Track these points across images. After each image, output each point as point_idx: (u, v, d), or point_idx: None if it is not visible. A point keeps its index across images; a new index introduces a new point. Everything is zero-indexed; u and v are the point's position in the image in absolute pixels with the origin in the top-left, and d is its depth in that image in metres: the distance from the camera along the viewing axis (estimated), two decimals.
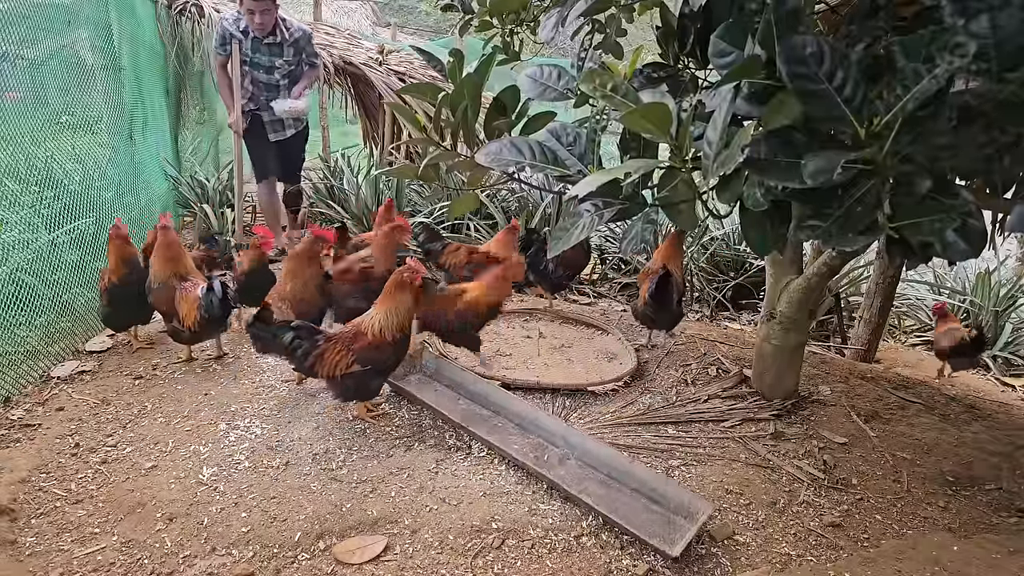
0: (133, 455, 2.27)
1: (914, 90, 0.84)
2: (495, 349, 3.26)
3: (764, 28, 1.02)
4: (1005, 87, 0.85)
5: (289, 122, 4.63)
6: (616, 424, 2.64)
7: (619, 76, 1.14)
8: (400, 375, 2.78)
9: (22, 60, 2.90)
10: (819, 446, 2.60)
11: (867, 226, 0.93)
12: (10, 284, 2.60)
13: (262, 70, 4.40)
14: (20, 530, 1.91)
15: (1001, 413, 3.18)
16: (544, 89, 1.42)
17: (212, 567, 1.81)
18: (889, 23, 1.17)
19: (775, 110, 0.98)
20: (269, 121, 4.56)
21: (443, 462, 2.31)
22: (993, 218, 2.54)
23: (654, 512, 2.12)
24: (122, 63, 3.82)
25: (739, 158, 0.96)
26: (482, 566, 1.87)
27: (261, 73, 4.41)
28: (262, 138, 4.60)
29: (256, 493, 2.10)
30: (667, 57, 1.48)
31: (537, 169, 1.19)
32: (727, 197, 1.08)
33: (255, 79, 4.43)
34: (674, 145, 1.03)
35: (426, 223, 4.00)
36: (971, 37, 0.83)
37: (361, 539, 1.93)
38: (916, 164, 0.92)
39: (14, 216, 2.81)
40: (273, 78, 4.44)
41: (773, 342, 2.82)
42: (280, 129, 4.63)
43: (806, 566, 2.00)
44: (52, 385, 2.67)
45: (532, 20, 2.05)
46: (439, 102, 1.30)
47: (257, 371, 2.91)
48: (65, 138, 3.31)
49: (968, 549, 2.08)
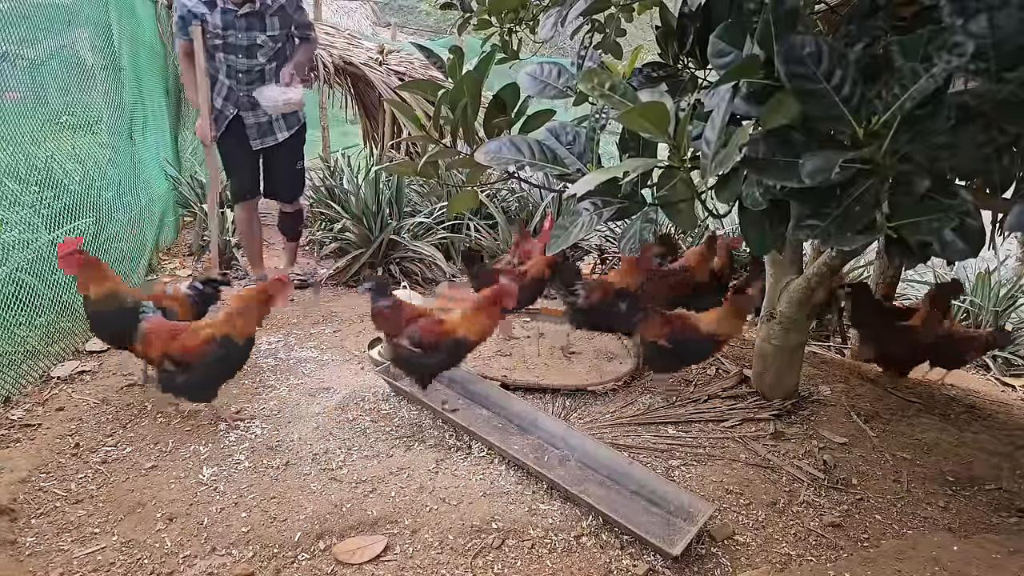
0: (133, 455, 2.27)
1: (912, 89, 0.84)
2: (495, 349, 3.26)
3: (762, 28, 1.02)
4: (1004, 87, 0.85)
5: (279, 122, 3.61)
6: (616, 424, 2.64)
7: (618, 75, 1.14)
8: (400, 375, 2.78)
9: (22, 60, 2.90)
10: (819, 446, 2.60)
11: (866, 226, 0.93)
12: (10, 284, 2.60)
13: (240, 53, 3.38)
14: (20, 530, 1.91)
15: (1001, 413, 3.18)
16: (544, 87, 1.42)
17: (212, 567, 1.81)
18: (888, 23, 1.18)
19: (773, 110, 0.98)
20: (254, 124, 3.57)
21: (443, 462, 2.31)
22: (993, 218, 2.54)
23: (654, 512, 2.12)
24: (122, 63, 3.82)
25: (737, 157, 0.96)
26: (482, 566, 1.87)
27: (239, 58, 3.39)
28: (242, 146, 3.60)
29: (256, 493, 2.10)
30: (666, 57, 1.48)
31: (536, 168, 1.19)
32: (726, 196, 1.09)
33: (231, 67, 3.42)
34: (672, 144, 1.03)
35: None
36: (969, 37, 0.83)
37: (361, 539, 1.93)
38: (915, 163, 0.92)
39: (14, 216, 2.81)
40: (255, 62, 3.42)
41: (773, 342, 2.81)
42: (269, 132, 3.61)
43: (806, 566, 1.99)
44: (52, 385, 2.67)
45: (531, 19, 2.06)
46: (438, 99, 1.30)
47: (257, 371, 2.91)
48: (65, 138, 3.31)
49: (968, 549, 2.08)
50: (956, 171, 1.16)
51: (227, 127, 3.55)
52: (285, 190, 3.84)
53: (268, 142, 3.63)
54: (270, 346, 3.17)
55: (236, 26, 3.34)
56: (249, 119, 3.56)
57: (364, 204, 4.31)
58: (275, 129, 3.62)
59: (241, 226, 3.88)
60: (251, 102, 3.50)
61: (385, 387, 2.75)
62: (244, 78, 3.47)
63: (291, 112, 3.61)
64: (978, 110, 0.93)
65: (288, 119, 3.65)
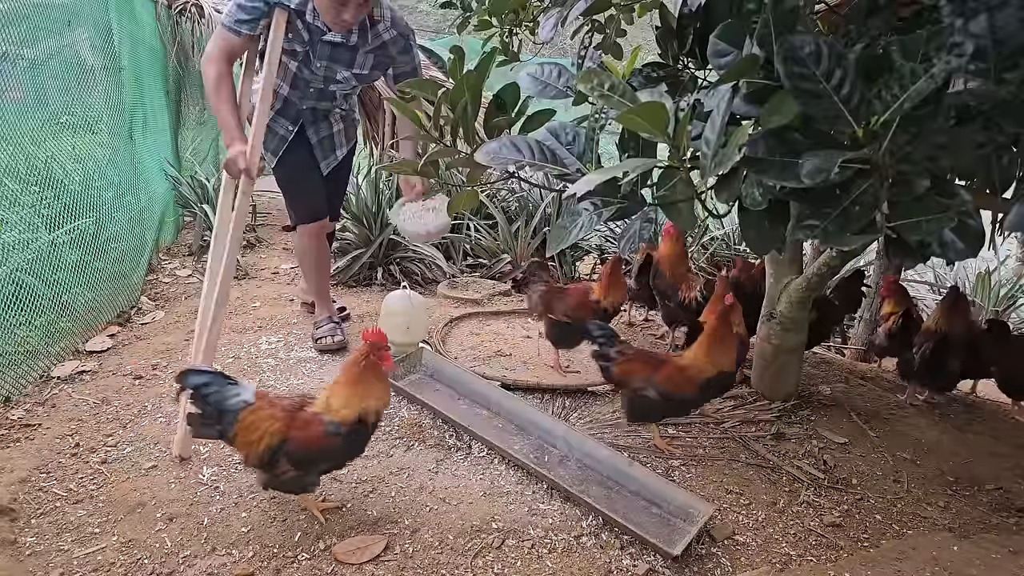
0: (133, 455, 2.27)
1: (911, 89, 0.84)
2: (495, 349, 3.26)
3: (762, 28, 1.02)
4: (1004, 87, 0.85)
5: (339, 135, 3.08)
6: (616, 424, 2.64)
7: (617, 76, 1.14)
8: (400, 375, 2.78)
9: (22, 60, 2.90)
10: (819, 446, 2.60)
11: (865, 226, 0.93)
12: (10, 284, 2.60)
13: (316, 79, 2.80)
14: (20, 530, 1.91)
15: (1001, 413, 3.18)
16: (544, 87, 1.42)
17: (212, 567, 1.81)
18: (888, 23, 1.18)
19: (773, 109, 0.98)
20: (318, 141, 3.01)
21: (443, 462, 2.31)
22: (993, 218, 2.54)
23: (654, 512, 2.13)
24: (122, 63, 3.82)
25: (737, 157, 0.96)
26: (482, 566, 1.87)
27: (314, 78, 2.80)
28: (309, 169, 3.00)
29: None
30: (666, 57, 1.48)
31: (536, 168, 1.19)
32: (725, 196, 1.09)
33: (297, 80, 2.81)
34: (672, 144, 1.03)
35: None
36: (969, 37, 0.83)
37: (361, 539, 1.93)
38: (914, 163, 0.92)
39: (14, 216, 2.81)
40: (327, 91, 2.87)
41: (773, 342, 2.82)
42: (331, 149, 3.08)
43: (806, 566, 1.99)
44: (52, 385, 2.67)
45: (531, 20, 2.06)
46: (439, 99, 1.30)
47: (257, 371, 2.91)
48: (65, 138, 3.31)
49: (968, 549, 2.08)
50: (956, 171, 1.17)
51: (286, 150, 2.95)
52: (335, 209, 3.36)
53: (332, 161, 3.11)
54: (270, 346, 3.17)
55: (318, 51, 2.71)
56: (314, 137, 2.99)
57: (364, 204, 4.31)
58: (336, 145, 3.10)
59: (309, 254, 3.15)
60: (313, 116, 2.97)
61: None
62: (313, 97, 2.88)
63: (352, 126, 3.16)
64: (977, 110, 0.93)
65: (349, 132, 3.16)
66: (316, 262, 3.18)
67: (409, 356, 2.89)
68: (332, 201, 3.24)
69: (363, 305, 3.77)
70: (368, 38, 2.73)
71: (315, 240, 3.11)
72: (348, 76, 2.80)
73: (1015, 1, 0.81)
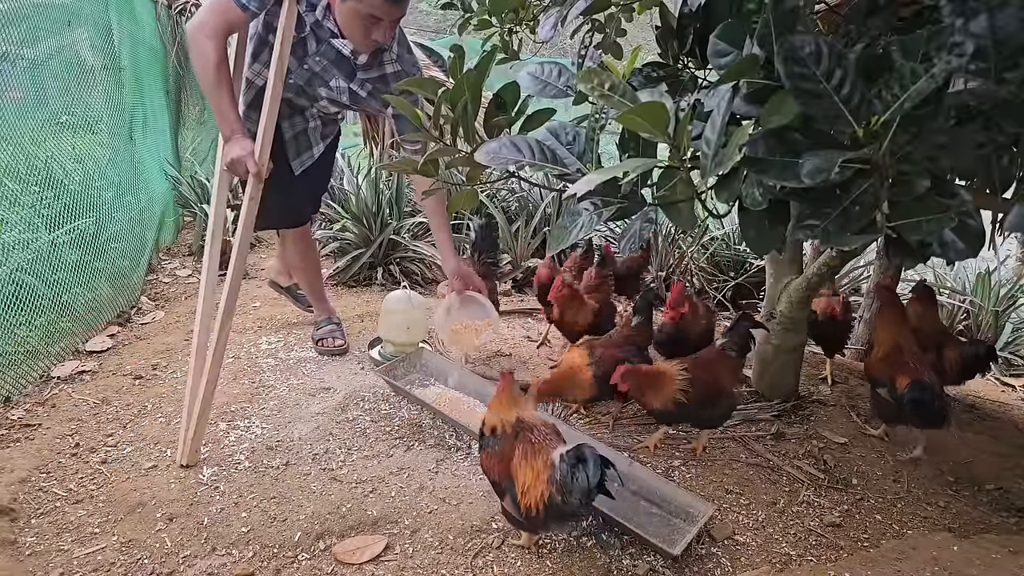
0: (133, 455, 2.27)
1: (911, 89, 0.84)
2: (495, 349, 3.26)
3: (762, 28, 1.02)
4: (1004, 87, 0.85)
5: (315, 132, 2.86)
6: (616, 424, 2.64)
7: (618, 75, 1.14)
8: (400, 375, 2.78)
9: (22, 60, 2.90)
10: (819, 446, 2.60)
11: (865, 226, 0.93)
12: (10, 284, 2.60)
13: (301, 73, 2.56)
14: (20, 530, 1.91)
15: (1001, 413, 3.18)
16: (544, 86, 1.42)
17: (212, 567, 1.81)
18: (888, 23, 1.18)
19: (773, 109, 0.98)
20: (293, 136, 2.79)
21: (443, 462, 2.31)
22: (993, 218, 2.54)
23: (654, 513, 2.13)
24: (122, 63, 3.82)
25: (737, 157, 0.96)
26: (482, 566, 1.87)
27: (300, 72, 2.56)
28: (282, 172, 2.72)
29: (256, 493, 2.10)
30: (666, 57, 1.48)
31: (536, 168, 1.18)
32: (726, 196, 1.08)
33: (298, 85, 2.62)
34: (672, 144, 1.03)
35: None
36: (969, 37, 0.83)
37: (361, 539, 1.93)
38: (914, 163, 0.92)
39: (14, 216, 2.81)
40: (309, 91, 2.64)
41: (773, 342, 2.81)
42: (307, 147, 2.85)
43: (806, 566, 1.99)
44: (52, 385, 2.68)
45: (531, 19, 2.06)
46: (438, 98, 1.30)
47: (257, 371, 2.91)
48: (65, 138, 3.31)
49: (968, 549, 2.08)
50: (956, 171, 1.17)
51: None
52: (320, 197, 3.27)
53: (307, 161, 2.88)
54: (270, 346, 3.17)
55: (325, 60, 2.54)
56: (288, 132, 2.77)
57: (364, 204, 4.31)
58: (312, 141, 2.88)
59: (295, 257, 3.10)
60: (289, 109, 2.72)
61: (385, 387, 2.76)
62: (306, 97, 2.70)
63: (331, 123, 2.95)
64: (978, 110, 0.93)
65: (327, 130, 2.93)
66: (304, 264, 3.11)
67: (409, 356, 2.89)
68: (319, 191, 3.16)
69: (363, 305, 3.77)
70: (372, 65, 2.60)
71: (299, 243, 3.03)
72: (342, 87, 2.61)
73: (1015, 1, 0.81)
